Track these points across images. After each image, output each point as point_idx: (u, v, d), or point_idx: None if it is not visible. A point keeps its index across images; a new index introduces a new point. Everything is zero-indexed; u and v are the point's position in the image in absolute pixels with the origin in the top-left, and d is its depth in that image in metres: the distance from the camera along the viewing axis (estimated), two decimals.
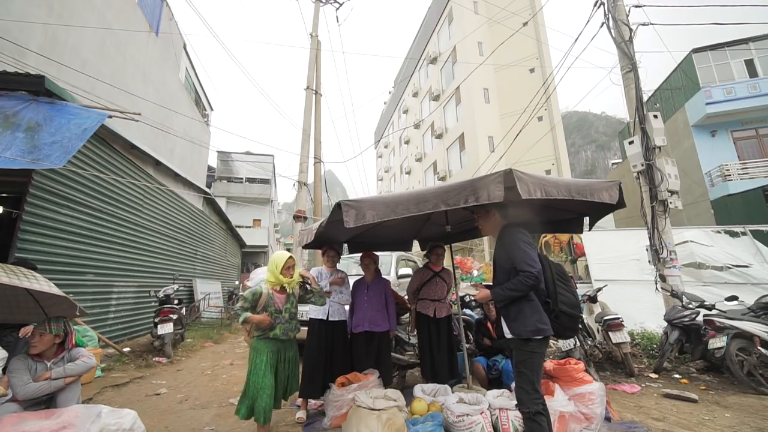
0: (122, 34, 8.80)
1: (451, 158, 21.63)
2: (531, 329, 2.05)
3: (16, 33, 5.48)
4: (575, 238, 9.76)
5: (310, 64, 8.88)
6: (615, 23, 5.63)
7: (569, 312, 2.13)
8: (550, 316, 2.11)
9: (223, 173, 24.13)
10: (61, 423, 2.09)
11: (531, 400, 2.03)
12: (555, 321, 2.11)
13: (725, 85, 12.97)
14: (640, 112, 5.32)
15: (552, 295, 2.15)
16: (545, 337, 2.09)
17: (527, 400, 2.04)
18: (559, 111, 19.82)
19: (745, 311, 4.24)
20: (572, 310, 2.14)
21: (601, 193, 2.52)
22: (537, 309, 2.09)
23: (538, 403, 2.03)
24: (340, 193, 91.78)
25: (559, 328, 2.13)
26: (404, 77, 31.06)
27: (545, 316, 2.10)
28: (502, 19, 17.47)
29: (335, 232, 3.28)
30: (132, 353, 5.68)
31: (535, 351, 2.08)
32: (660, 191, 5.14)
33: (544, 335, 2.07)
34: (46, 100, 3.85)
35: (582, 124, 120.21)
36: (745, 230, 7.15)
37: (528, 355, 2.09)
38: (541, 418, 2.01)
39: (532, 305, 2.10)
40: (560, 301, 2.12)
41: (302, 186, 8.09)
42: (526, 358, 2.10)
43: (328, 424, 2.96)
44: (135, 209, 6.87)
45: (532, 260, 2.08)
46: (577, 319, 2.20)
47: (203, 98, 17.96)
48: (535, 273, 2.05)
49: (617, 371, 4.53)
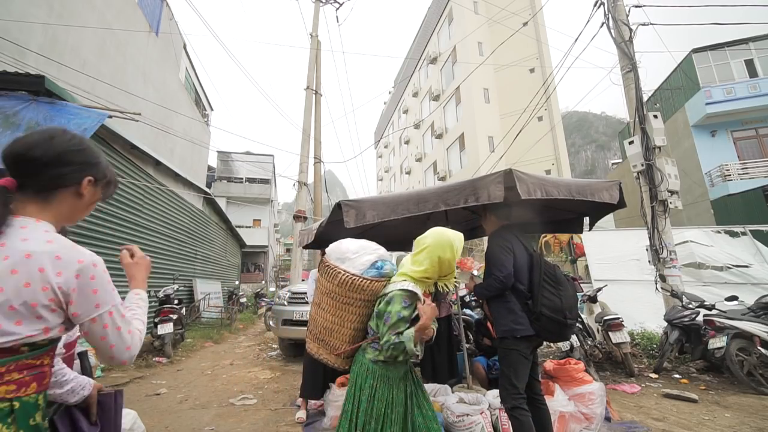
0: (122, 34, 8.80)
1: (451, 158, 21.63)
2: (505, 328, 2.16)
3: (16, 33, 5.47)
4: (575, 238, 9.76)
5: (310, 64, 8.89)
6: (615, 23, 5.63)
7: (549, 315, 2.06)
8: (530, 317, 2.13)
9: (223, 173, 24.16)
10: None
11: (509, 396, 2.09)
12: (535, 323, 2.12)
13: (725, 85, 12.98)
14: (640, 112, 5.33)
15: (535, 297, 2.14)
16: (524, 336, 2.11)
17: (506, 395, 2.12)
18: (559, 111, 19.83)
19: (745, 311, 4.24)
20: (553, 313, 2.06)
21: (602, 193, 2.53)
22: (512, 310, 2.16)
23: (516, 398, 2.07)
24: (340, 193, 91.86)
25: (540, 330, 2.11)
26: (404, 77, 31.07)
27: (522, 316, 2.13)
28: (502, 19, 17.47)
29: (335, 232, 3.28)
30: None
31: (510, 348, 2.14)
32: (660, 191, 5.14)
33: (518, 335, 2.11)
34: (46, 100, 3.86)
35: (582, 124, 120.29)
36: (745, 230, 7.15)
37: (505, 353, 2.18)
38: (520, 413, 2.04)
39: (508, 306, 2.19)
40: (542, 303, 2.10)
41: (302, 186, 8.09)
42: (504, 355, 2.19)
43: (329, 424, 2.96)
44: (135, 209, 6.87)
45: (501, 265, 2.17)
46: (561, 324, 2.08)
47: (203, 98, 17.97)
48: (501, 278, 2.16)
49: (617, 371, 4.53)
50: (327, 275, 1.81)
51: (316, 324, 1.89)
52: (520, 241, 2.32)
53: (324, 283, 1.83)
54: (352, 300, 1.76)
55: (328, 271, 1.80)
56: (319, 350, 1.87)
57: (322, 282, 1.86)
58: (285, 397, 3.84)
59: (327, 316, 1.82)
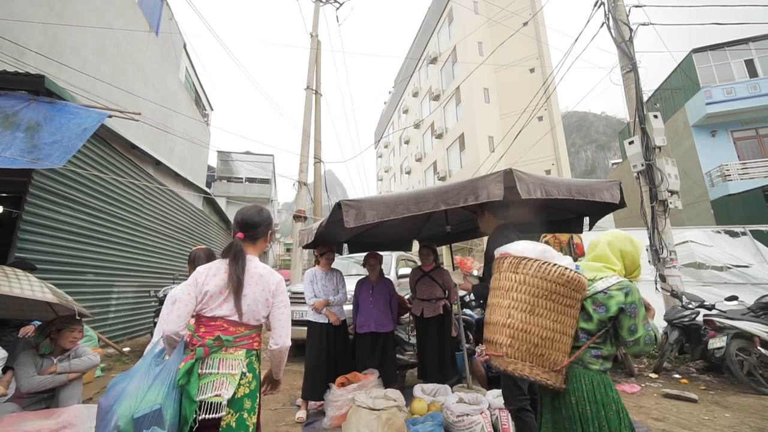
0: (122, 33, 8.79)
1: (451, 158, 21.62)
2: None
3: (16, 32, 5.47)
4: (575, 237, 9.75)
5: (310, 64, 8.88)
6: (615, 23, 5.63)
7: None
8: None
9: (223, 173, 24.14)
10: (61, 423, 2.09)
11: (513, 397, 2.06)
12: None
13: (725, 85, 12.97)
14: (641, 112, 5.32)
15: None
16: None
17: (510, 397, 2.08)
18: (559, 111, 19.82)
19: (745, 311, 4.24)
20: None
21: (602, 193, 2.52)
22: None
23: (521, 399, 2.05)
24: (340, 193, 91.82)
25: None
26: (404, 77, 31.06)
27: None
28: (502, 19, 17.46)
29: (335, 231, 3.28)
30: (132, 353, 5.68)
31: None
32: (660, 191, 5.14)
33: None
34: (46, 99, 3.85)
35: (582, 124, 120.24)
36: (745, 230, 7.15)
37: None
38: (526, 414, 2.03)
39: None
40: None
41: (302, 186, 8.09)
42: None
43: (328, 424, 2.96)
44: (135, 209, 6.87)
45: None
46: None
47: (203, 98, 17.96)
48: None
49: (617, 371, 4.52)
50: (542, 272, 1.53)
51: (530, 336, 1.51)
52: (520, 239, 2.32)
53: (539, 282, 1.53)
54: (573, 302, 1.52)
55: (546, 269, 1.53)
56: (533, 370, 1.50)
57: (534, 282, 1.54)
58: (285, 397, 3.84)
59: (547, 323, 1.51)
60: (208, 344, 1.45)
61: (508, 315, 1.56)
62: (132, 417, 1.25)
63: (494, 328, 1.61)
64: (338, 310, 3.49)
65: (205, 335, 1.48)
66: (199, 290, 1.50)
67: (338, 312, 3.48)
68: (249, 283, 1.54)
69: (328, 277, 3.55)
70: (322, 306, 3.36)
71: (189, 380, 1.37)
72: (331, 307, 3.44)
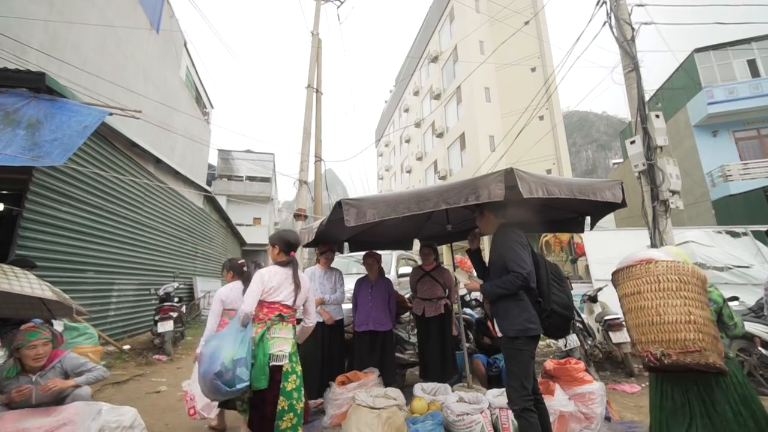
0: (123, 31, 8.78)
1: (452, 157, 21.59)
2: (519, 328, 2.08)
3: (17, 30, 5.46)
4: (575, 237, 9.75)
5: (311, 62, 8.86)
6: (617, 22, 5.60)
7: (561, 312, 2.14)
8: (541, 316, 2.12)
9: (224, 171, 24.14)
10: (61, 420, 2.09)
11: (519, 397, 2.04)
12: (546, 320, 2.13)
13: (727, 85, 12.93)
14: (642, 112, 5.30)
15: (545, 295, 2.15)
16: (533, 336, 2.10)
17: (516, 397, 2.06)
18: (560, 110, 19.77)
19: (745, 312, 4.23)
20: (564, 310, 2.15)
21: (604, 192, 2.52)
22: (526, 308, 2.10)
23: (526, 400, 2.03)
24: (341, 192, 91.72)
25: (549, 327, 2.15)
26: (405, 76, 30.99)
27: (535, 315, 2.11)
28: (504, 18, 17.41)
29: (336, 230, 3.28)
30: (132, 351, 5.69)
31: (521, 349, 2.09)
32: (661, 191, 5.12)
33: (532, 334, 2.08)
34: (46, 97, 3.85)
35: (583, 123, 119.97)
36: (746, 231, 7.14)
37: (515, 353, 2.11)
38: (530, 415, 2.01)
39: (520, 304, 2.11)
40: (553, 300, 2.13)
41: (303, 184, 8.08)
42: (514, 356, 2.12)
43: (328, 423, 2.96)
44: (135, 207, 6.87)
45: (523, 261, 2.10)
46: (569, 320, 2.22)
47: (204, 96, 17.94)
48: (524, 274, 2.06)
49: (617, 371, 4.53)
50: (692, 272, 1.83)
51: (710, 329, 1.75)
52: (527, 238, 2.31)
53: (696, 281, 1.81)
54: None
55: (694, 270, 1.84)
56: (717, 359, 1.70)
57: (694, 281, 1.81)
58: None
59: (710, 316, 1.81)
60: (272, 319, 2.25)
61: (689, 312, 1.74)
62: (232, 359, 2.00)
63: (671, 327, 1.76)
64: (336, 309, 3.49)
65: (268, 313, 2.26)
66: (264, 285, 2.25)
67: (336, 311, 3.48)
68: (302, 284, 2.39)
69: (326, 276, 3.56)
70: (316, 305, 3.36)
71: (263, 341, 2.16)
72: (326, 306, 3.43)
